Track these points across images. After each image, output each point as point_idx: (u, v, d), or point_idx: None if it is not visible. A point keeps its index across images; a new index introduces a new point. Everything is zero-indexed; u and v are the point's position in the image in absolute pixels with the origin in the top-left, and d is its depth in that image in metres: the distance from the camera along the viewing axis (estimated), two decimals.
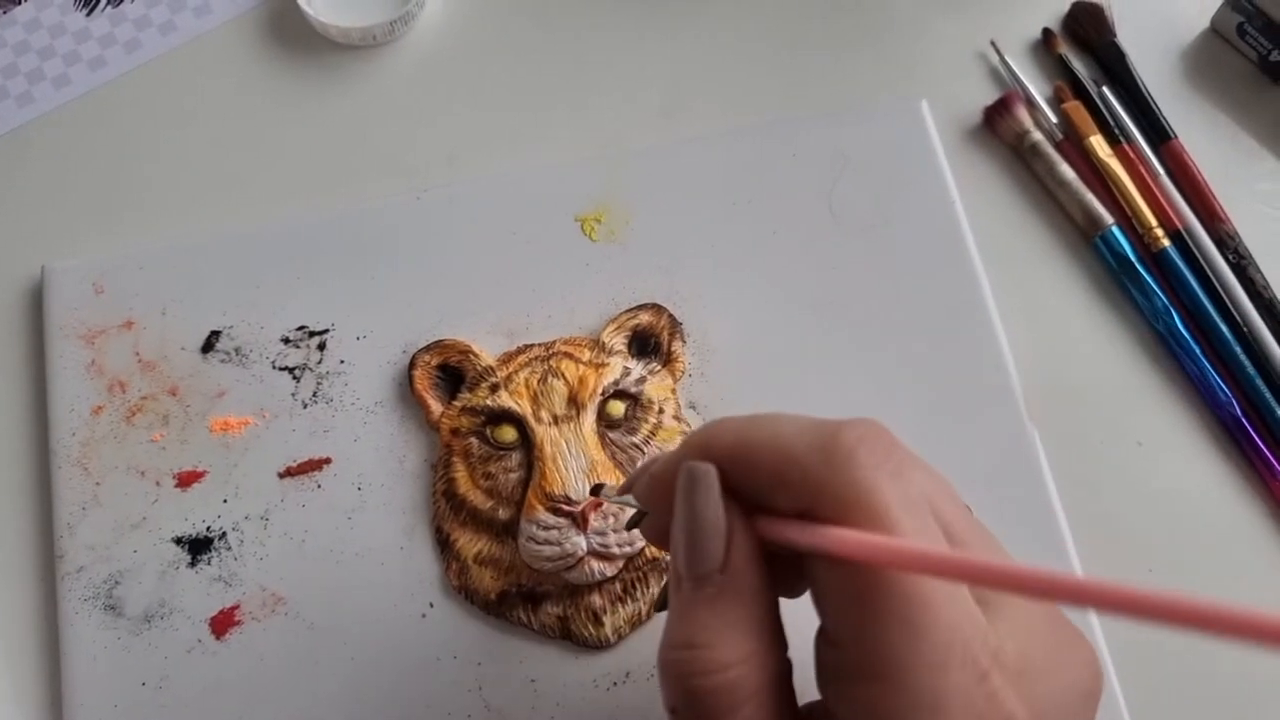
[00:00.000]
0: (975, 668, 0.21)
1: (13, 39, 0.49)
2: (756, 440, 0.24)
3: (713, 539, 0.23)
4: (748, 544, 0.24)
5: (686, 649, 0.23)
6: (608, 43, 0.48)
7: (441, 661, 0.37)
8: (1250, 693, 0.37)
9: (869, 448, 0.23)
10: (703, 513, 0.24)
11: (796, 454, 0.23)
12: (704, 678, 0.22)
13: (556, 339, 0.41)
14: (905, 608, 0.21)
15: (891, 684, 0.21)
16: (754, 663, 0.23)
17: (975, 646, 0.21)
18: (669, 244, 0.43)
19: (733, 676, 0.22)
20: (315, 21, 0.48)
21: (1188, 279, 0.42)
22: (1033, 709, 0.21)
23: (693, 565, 0.24)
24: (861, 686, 0.22)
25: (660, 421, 0.39)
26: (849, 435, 0.23)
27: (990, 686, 0.21)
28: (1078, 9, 0.47)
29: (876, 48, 0.47)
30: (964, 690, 0.21)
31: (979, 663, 0.21)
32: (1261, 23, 0.45)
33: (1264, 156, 0.45)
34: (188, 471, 0.40)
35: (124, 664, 0.38)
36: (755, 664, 0.23)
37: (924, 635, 0.21)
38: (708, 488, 0.24)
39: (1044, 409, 0.40)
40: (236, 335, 0.42)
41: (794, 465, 0.23)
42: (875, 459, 0.22)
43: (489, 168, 0.46)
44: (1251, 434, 0.40)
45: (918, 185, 0.43)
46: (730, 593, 0.23)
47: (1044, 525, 0.38)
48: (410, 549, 0.39)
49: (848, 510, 0.22)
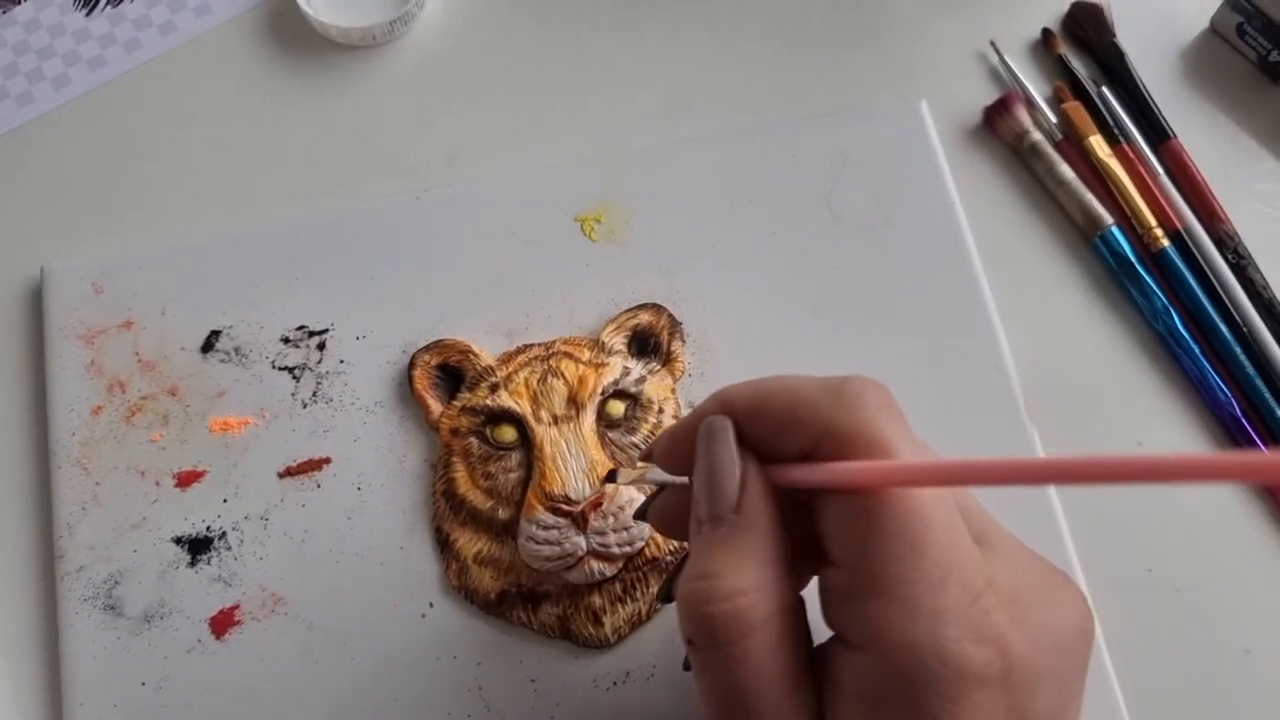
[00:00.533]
0: (971, 586, 0.23)
1: (12, 39, 0.49)
2: (770, 388, 0.26)
3: (728, 482, 0.25)
4: (760, 488, 0.25)
5: (701, 580, 0.24)
6: (608, 43, 0.48)
7: (441, 661, 0.37)
8: (1251, 692, 0.37)
9: (874, 392, 0.25)
10: (719, 458, 0.26)
11: (807, 395, 0.25)
12: (716, 604, 0.24)
13: (556, 339, 0.41)
14: (908, 526, 0.23)
15: (893, 598, 0.23)
16: (765, 591, 0.24)
17: (970, 569, 0.23)
18: (669, 244, 0.43)
19: (743, 603, 0.24)
20: (315, 21, 0.48)
21: (1187, 279, 0.42)
22: (1024, 632, 0.23)
23: (710, 506, 0.25)
24: (865, 604, 0.23)
25: (660, 421, 0.39)
26: (856, 382, 0.25)
27: (984, 605, 0.23)
28: (1077, 9, 0.47)
29: (876, 48, 0.47)
30: (960, 606, 0.22)
31: (974, 583, 0.23)
32: (1261, 23, 0.45)
33: (1264, 156, 0.45)
34: (187, 471, 0.40)
35: (124, 664, 0.38)
36: (766, 592, 0.24)
37: (924, 553, 0.23)
38: (724, 436, 0.26)
39: (1044, 409, 0.40)
40: (236, 335, 0.42)
41: (804, 404, 0.25)
42: (880, 402, 0.25)
43: (489, 168, 0.46)
44: (1251, 434, 0.40)
45: (917, 185, 0.43)
46: (742, 530, 0.25)
47: (1044, 525, 0.38)
48: (410, 549, 0.39)
49: (854, 442, 0.24)
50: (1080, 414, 0.41)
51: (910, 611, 0.22)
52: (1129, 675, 0.36)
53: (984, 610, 0.23)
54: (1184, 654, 0.37)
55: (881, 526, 0.23)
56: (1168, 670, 0.37)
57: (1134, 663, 0.36)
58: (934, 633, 0.22)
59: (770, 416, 0.26)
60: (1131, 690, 0.36)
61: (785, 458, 0.25)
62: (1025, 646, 0.23)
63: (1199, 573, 0.38)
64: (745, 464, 0.26)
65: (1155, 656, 0.37)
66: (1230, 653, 0.37)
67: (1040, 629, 0.23)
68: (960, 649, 0.22)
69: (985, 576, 0.23)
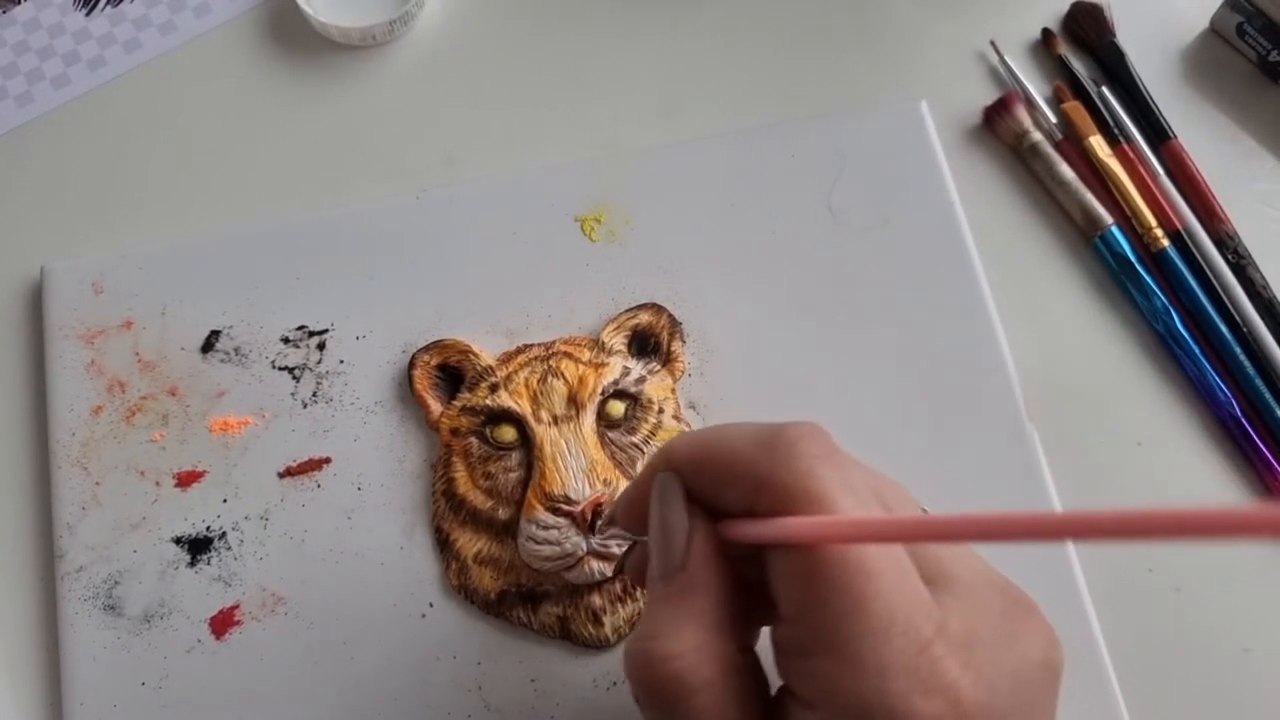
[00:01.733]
0: (918, 636, 0.22)
1: (12, 39, 0.49)
2: (708, 442, 0.26)
3: (675, 539, 0.25)
4: (706, 545, 0.25)
5: (643, 640, 0.24)
6: (608, 43, 0.48)
7: (441, 661, 0.37)
8: (1251, 692, 0.37)
9: (809, 440, 0.24)
10: (666, 516, 0.26)
11: (742, 450, 0.24)
12: (654, 666, 0.24)
13: (556, 339, 0.41)
14: (848, 579, 0.22)
15: (838, 654, 0.22)
16: (704, 653, 0.24)
17: (918, 618, 0.22)
18: (669, 244, 0.43)
19: (681, 666, 0.24)
20: (315, 21, 0.48)
21: (1187, 279, 0.42)
22: (980, 677, 0.22)
23: (660, 564, 0.25)
24: (812, 660, 0.23)
25: (660, 421, 0.39)
26: (791, 430, 0.24)
27: (932, 655, 0.22)
28: (1077, 9, 0.47)
29: (876, 48, 0.47)
30: (907, 658, 0.22)
31: (921, 632, 0.22)
32: (1261, 23, 0.45)
33: (1263, 156, 0.45)
34: (187, 471, 0.40)
35: (124, 664, 0.38)
36: (705, 654, 0.24)
37: (866, 606, 0.22)
38: (671, 493, 0.26)
39: (1044, 409, 0.40)
40: (236, 335, 0.42)
41: (740, 459, 0.24)
42: (815, 450, 0.24)
43: (489, 168, 0.46)
44: (1251, 434, 0.40)
45: (917, 185, 0.43)
46: (688, 589, 0.25)
47: None
48: (410, 549, 0.39)
49: (791, 496, 0.23)
50: (1080, 414, 0.41)
51: (856, 668, 0.22)
52: (1129, 675, 0.36)
53: (932, 660, 0.22)
54: (1184, 654, 0.37)
55: (823, 581, 0.22)
56: (1168, 670, 0.37)
57: (1134, 663, 0.36)
58: (881, 689, 0.21)
59: (710, 471, 0.25)
60: (1131, 690, 0.36)
61: (730, 511, 0.25)
62: (979, 692, 0.22)
63: (1199, 573, 0.38)
64: (693, 521, 0.25)
65: (1155, 656, 0.37)
66: (1230, 653, 0.37)
67: (996, 670, 0.23)
68: (908, 704, 0.21)
69: (935, 623, 0.22)
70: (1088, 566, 0.37)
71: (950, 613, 0.23)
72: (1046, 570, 0.37)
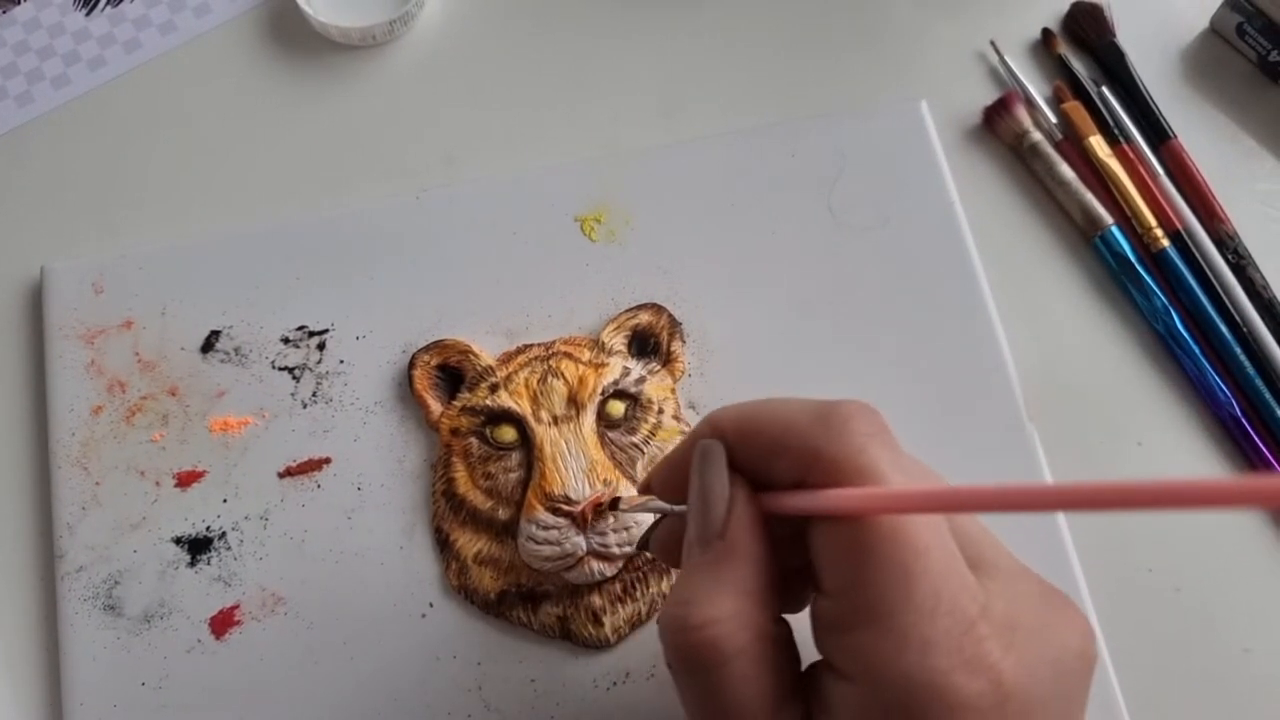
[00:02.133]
0: (963, 616, 0.22)
1: (12, 39, 0.49)
2: (760, 414, 0.26)
3: (716, 506, 0.25)
4: (748, 514, 0.25)
5: (678, 606, 0.24)
6: (607, 43, 0.48)
7: (441, 661, 0.37)
8: (1251, 692, 0.37)
9: (863, 418, 0.24)
10: (709, 483, 0.26)
11: (796, 422, 0.25)
12: (690, 632, 0.24)
13: (556, 339, 0.41)
14: (898, 553, 0.22)
15: (883, 628, 0.22)
16: (740, 620, 0.24)
17: (964, 598, 0.22)
18: (669, 244, 0.43)
19: (717, 632, 0.24)
20: (315, 21, 0.48)
21: (1187, 279, 0.42)
22: (1021, 661, 0.22)
23: (699, 530, 0.25)
24: (855, 634, 0.23)
25: (660, 421, 0.39)
26: (845, 407, 0.25)
27: (976, 634, 0.22)
28: (1077, 9, 0.47)
29: (876, 49, 0.47)
30: (951, 636, 0.22)
31: (967, 611, 0.22)
32: (1261, 23, 0.45)
33: (1264, 156, 0.45)
34: (187, 471, 0.40)
35: (124, 664, 0.38)
36: (740, 622, 0.24)
37: (915, 581, 0.22)
38: (715, 460, 0.26)
39: (1043, 408, 0.40)
40: (236, 335, 0.42)
41: (793, 432, 0.24)
42: (869, 428, 0.24)
43: (489, 168, 0.46)
44: (1251, 434, 0.40)
45: (917, 185, 0.43)
46: (726, 557, 0.25)
47: (1045, 526, 0.38)
48: (410, 549, 0.39)
49: (842, 469, 0.23)
50: (1080, 414, 0.41)
51: (901, 643, 0.22)
52: (1129, 675, 0.36)
53: (977, 640, 0.22)
54: (1184, 654, 0.37)
55: (871, 554, 0.22)
56: (1168, 670, 0.37)
57: (1134, 663, 0.36)
58: (925, 665, 0.22)
59: (760, 442, 0.25)
60: (1131, 690, 0.36)
61: (777, 484, 0.25)
62: (1021, 675, 0.22)
63: (1199, 573, 0.38)
64: (734, 489, 0.25)
65: (1155, 656, 0.37)
66: (1230, 653, 0.37)
67: (1037, 656, 0.23)
68: (952, 681, 0.22)
69: (979, 604, 0.23)
70: (1088, 566, 0.37)
71: (993, 596, 0.23)
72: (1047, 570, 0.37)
